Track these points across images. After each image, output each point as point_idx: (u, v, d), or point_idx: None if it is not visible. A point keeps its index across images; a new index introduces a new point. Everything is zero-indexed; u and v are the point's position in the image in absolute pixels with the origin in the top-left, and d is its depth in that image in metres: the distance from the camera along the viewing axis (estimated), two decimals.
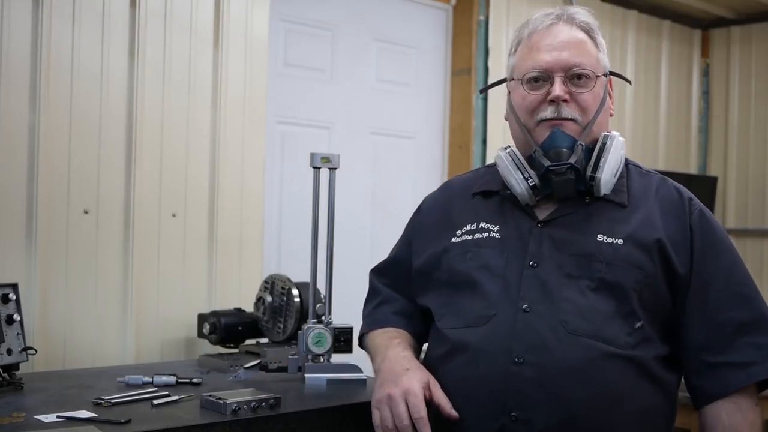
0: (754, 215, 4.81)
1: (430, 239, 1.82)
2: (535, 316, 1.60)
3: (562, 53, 1.68)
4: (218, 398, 1.83)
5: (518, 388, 1.57)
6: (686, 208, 1.69)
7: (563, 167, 1.64)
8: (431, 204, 1.91)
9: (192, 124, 2.76)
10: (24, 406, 1.85)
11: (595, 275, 1.62)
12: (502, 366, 1.58)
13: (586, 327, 1.58)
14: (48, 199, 2.46)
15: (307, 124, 3.42)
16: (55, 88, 2.47)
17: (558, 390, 1.55)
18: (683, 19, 4.87)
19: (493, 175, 1.81)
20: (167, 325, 2.70)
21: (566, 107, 1.67)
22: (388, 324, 1.86)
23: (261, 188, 2.93)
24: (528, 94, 1.70)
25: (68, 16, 2.50)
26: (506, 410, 1.57)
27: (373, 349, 1.84)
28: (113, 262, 2.59)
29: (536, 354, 1.57)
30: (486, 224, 1.74)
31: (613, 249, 1.63)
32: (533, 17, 1.77)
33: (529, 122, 1.71)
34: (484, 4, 3.87)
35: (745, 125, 4.87)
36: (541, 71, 1.68)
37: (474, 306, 1.66)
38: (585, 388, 1.55)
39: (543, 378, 1.56)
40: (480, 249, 1.70)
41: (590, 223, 1.67)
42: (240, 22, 2.87)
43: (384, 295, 1.93)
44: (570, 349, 1.57)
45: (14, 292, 2.12)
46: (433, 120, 3.87)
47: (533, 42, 1.72)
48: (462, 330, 1.66)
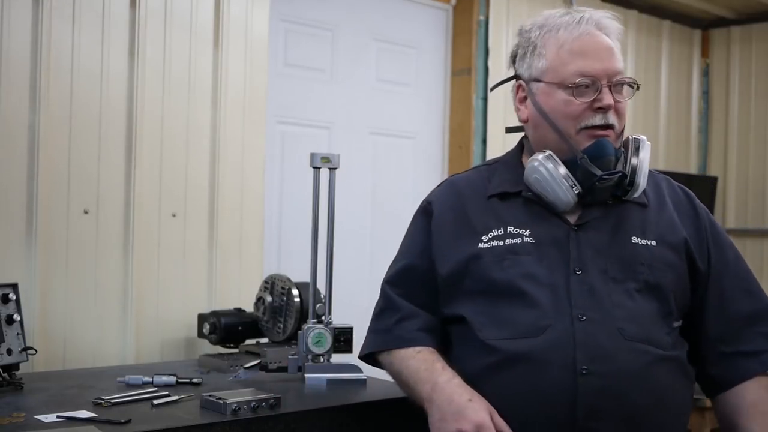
0: (754, 215, 4.81)
1: (450, 245, 1.73)
2: (592, 325, 1.58)
3: (606, 61, 1.66)
4: (218, 398, 1.83)
5: (587, 399, 1.54)
6: (695, 208, 1.76)
7: (616, 176, 1.64)
8: (443, 207, 1.78)
9: (192, 124, 2.76)
10: (24, 406, 1.86)
11: (639, 277, 1.63)
12: (568, 378, 1.55)
13: (640, 332, 1.60)
14: (48, 198, 2.46)
15: (307, 124, 3.42)
16: (55, 88, 2.48)
17: (624, 398, 1.56)
18: (683, 19, 4.87)
19: (503, 174, 1.77)
20: (167, 325, 2.70)
21: (611, 115, 1.67)
22: (417, 343, 1.72)
23: (261, 188, 2.93)
24: (573, 100, 1.65)
25: (68, 16, 2.50)
26: (576, 423, 1.54)
27: (409, 372, 1.70)
28: (113, 262, 2.59)
29: (600, 363, 1.55)
30: (514, 229, 1.68)
31: (648, 251, 1.66)
32: (560, 20, 1.71)
33: (570, 129, 1.66)
34: (484, 4, 3.87)
35: (745, 125, 4.86)
36: (591, 78, 1.65)
37: (524, 316, 1.60)
38: (645, 394, 1.57)
39: (609, 387, 1.55)
40: (517, 256, 1.64)
41: (622, 226, 1.68)
42: (240, 22, 2.87)
43: (405, 310, 1.76)
44: (629, 356, 1.57)
45: (14, 292, 2.12)
46: (433, 120, 3.87)
47: (576, 47, 1.66)
48: (514, 341, 1.60)
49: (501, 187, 1.74)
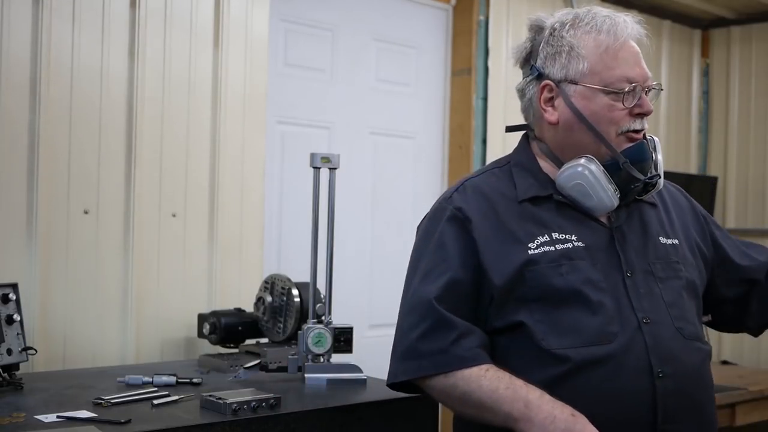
0: (754, 215, 4.80)
1: (499, 254, 1.64)
2: (657, 327, 1.59)
3: (644, 67, 1.68)
4: (218, 398, 1.83)
5: (666, 401, 1.55)
6: (689, 201, 1.84)
7: (655, 179, 1.67)
8: (479, 214, 1.67)
9: (192, 124, 2.76)
10: (24, 406, 1.86)
11: (681, 275, 1.67)
12: (645, 381, 1.55)
13: (692, 330, 1.64)
14: (48, 199, 2.46)
15: (307, 124, 3.41)
16: (55, 88, 2.48)
17: (693, 397, 1.60)
18: (683, 19, 4.86)
19: (525, 177, 1.72)
20: (167, 325, 2.70)
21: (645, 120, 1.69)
22: (480, 361, 1.60)
23: (261, 188, 2.94)
24: (617, 105, 1.64)
25: (68, 16, 2.50)
26: (657, 426, 1.55)
27: (484, 392, 1.57)
28: (113, 262, 2.59)
29: (671, 365, 1.57)
30: (559, 234, 1.64)
31: (675, 249, 1.70)
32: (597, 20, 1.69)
33: (611, 133, 1.65)
34: (484, 4, 3.87)
35: (745, 125, 4.86)
36: (635, 84, 1.65)
37: (591, 323, 1.57)
38: (704, 390, 1.63)
39: (682, 388, 1.57)
40: (573, 261, 1.61)
41: (646, 226, 1.70)
42: (240, 22, 2.87)
43: (461, 327, 1.62)
44: (690, 355, 1.61)
45: (14, 292, 2.12)
46: (433, 120, 3.87)
47: (620, 53, 1.66)
48: (585, 349, 1.56)
49: (530, 191, 1.69)
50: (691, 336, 1.62)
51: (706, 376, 1.65)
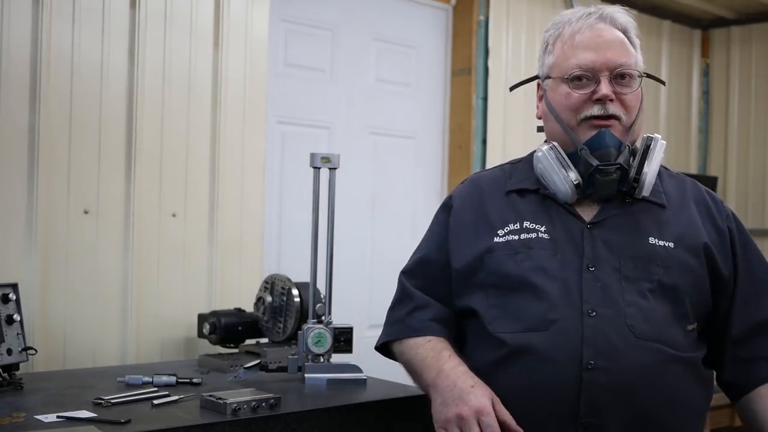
0: (754, 215, 4.80)
1: (467, 239, 1.74)
2: (602, 321, 1.57)
3: (607, 52, 1.67)
4: (218, 398, 1.83)
5: (591, 394, 1.54)
6: (721, 211, 1.75)
7: (612, 167, 1.64)
8: (462, 202, 1.80)
9: (192, 124, 2.76)
10: (24, 406, 1.86)
11: (654, 278, 1.62)
12: (572, 372, 1.55)
13: (651, 331, 1.59)
14: (48, 199, 2.46)
15: (307, 124, 3.41)
16: (55, 88, 2.47)
17: (629, 395, 1.55)
18: (683, 19, 4.87)
19: (524, 172, 1.77)
20: (167, 325, 2.70)
21: (612, 105, 1.67)
22: (427, 332, 1.73)
23: (261, 188, 2.93)
24: (572, 93, 1.68)
25: (68, 16, 2.50)
26: (578, 417, 1.54)
27: (417, 360, 1.71)
28: (113, 262, 2.59)
29: (607, 359, 1.55)
30: (530, 224, 1.69)
31: (666, 252, 1.65)
32: (570, 16, 1.74)
33: (572, 121, 1.69)
34: (484, 4, 3.87)
35: (745, 125, 4.86)
36: (587, 70, 1.67)
37: (533, 309, 1.61)
38: (654, 392, 1.57)
39: (615, 384, 1.55)
40: (531, 250, 1.65)
41: (639, 225, 1.67)
42: (240, 22, 2.87)
43: (418, 299, 1.78)
44: (639, 354, 1.57)
45: (14, 292, 2.12)
46: (433, 120, 3.87)
47: (576, 41, 1.69)
48: (521, 334, 1.60)
49: (520, 183, 1.76)
50: (645, 336, 1.57)
51: (661, 379, 1.57)
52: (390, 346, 1.81)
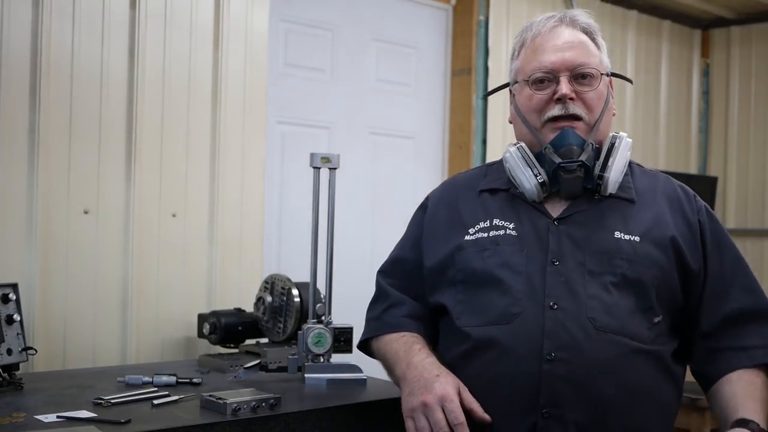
0: (754, 215, 4.81)
1: (440, 237, 1.80)
2: (563, 314, 1.61)
3: (566, 53, 1.72)
4: (218, 398, 1.83)
5: (550, 385, 1.57)
6: (693, 205, 1.76)
7: (574, 164, 1.67)
8: (437, 202, 1.88)
9: (192, 124, 2.76)
10: (24, 406, 1.85)
11: (617, 271, 1.65)
12: (533, 364, 1.58)
13: (613, 323, 1.61)
14: (48, 198, 2.46)
15: (307, 124, 3.42)
16: (55, 88, 2.48)
17: (589, 386, 1.58)
18: (683, 19, 4.87)
19: (498, 172, 1.82)
20: (167, 325, 2.70)
21: (573, 105, 1.71)
22: (402, 328, 1.81)
23: (261, 188, 2.93)
24: (534, 94, 1.73)
25: (68, 16, 2.50)
26: (538, 407, 1.58)
27: (390, 354, 1.77)
28: (113, 262, 2.59)
29: (567, 351, 1.58)
30: (500, 221, 1.73)
31: (632, 246, 1.67)
32: (535, 20, 1.79)
33: (536, 122, 1.74)
34: (484, 4, 3.87)
35: (745, 125, 4.86)
36: (547, 72, 1.72)
37: (497, 303, 1.65)
38: (614, 384, 1.59)
39: (575, 375, 1.57)
40: (498, 246, 1.70)
41: (605, 220, 1.70)
42: (240, 22, 2.87)
43: (393, 297, 1.86)
44: (599, 346, 1.59)
45: (14, 292, 2.12)
46: (433, 120, 3.87)
47: (537, 44, 1.75)
48: (485, 328, 1.64)
49: (492, 183, 1.81)
50: (606, 328, 1.60)
51: (622, 371, 1.59)
52: (369, 344, 1.88)
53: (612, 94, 1.80)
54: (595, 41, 1.78)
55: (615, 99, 1.84)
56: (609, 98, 1.76)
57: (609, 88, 1.78)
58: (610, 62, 1.82)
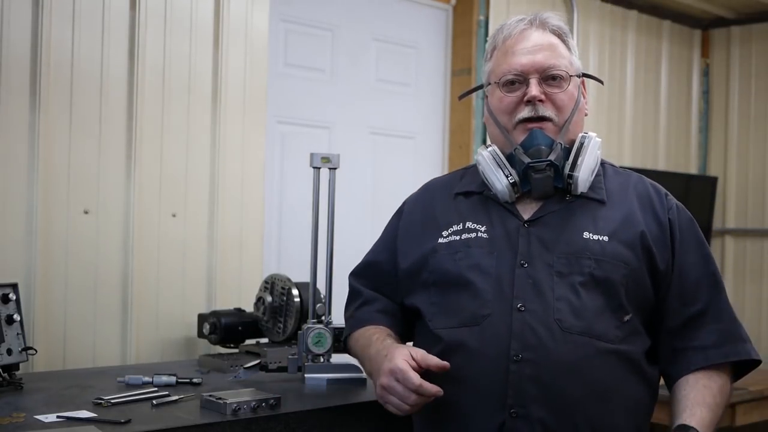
0: (754, 215, 4.80)
1: (415, 241, 1.83)
2: (530, 315, 1.63)
3: (536, 56, 1.74)
4: (218, 398, 1.83)
5: (517, 385, 1.60)
6: (663, 203, 1.78)
7: (543, 164, 1.70)
8: (412, 206, 1.93)
9: (192, 124, 2.76)
10: (24, 406, 1.85)
11: (585, 271, 1.66)
12: (500, 364, 1.61)
13: (579, 324, 1.63)
14: (48, 198, 2.46)
15: (307, 124, 3.41)
16: (55, 88, 2.47)
17: (556, 386, 1.60)
18: (683, 19, 4.86)
19: (472, 176, 1.85)
20: (167, 325, 2.70)
21: (543, 107, 1.73)
22: (372, 322, 1.86)
23: (261, 188, 2.93)
24: (505, 96, 1.76)
25: (68, 16, 2.50)
26: (506, 407, 1.60)
27: (358, 351, 1.87)
28: (113, 262, 2.59)
29: (533, 352, 1.61)
30: (472, 224, 1.76)
31: (600, 245, 1.69)
32: (506, 23, 1.82)
33: (508, 123, 1.77)
34: (484, 4, 3.87)
35: (745, 125, 4.86)
36: (517, 74, 1.74)
37: (467, 305, 1.68)
38: (581, 384, 1.60)
39: (541, 375, 1.60)
40: (470, 249, 1.72)
41: (574, 221, 1.72)
42: (240, 22, 2.87)
43: (366, 295, 1.92)
44: (565, 347, 1.61)
45: (14, 292, 2.12)
46: (433, 120, 3.87)
47: (507, 46, 1.78)
48: (456, 330, 1.68)
49: (466, 186, 1.84)
50: (573, 329, 1.62)
51: (589, 371, 1.60)
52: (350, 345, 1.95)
53: (584, 94, 1.83)
54: (566, 43, 1.80)
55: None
56: (580, 99, 1.79)
57: (580, 89, 1.81)
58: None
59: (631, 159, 4.42)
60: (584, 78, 1.84)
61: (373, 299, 1.91)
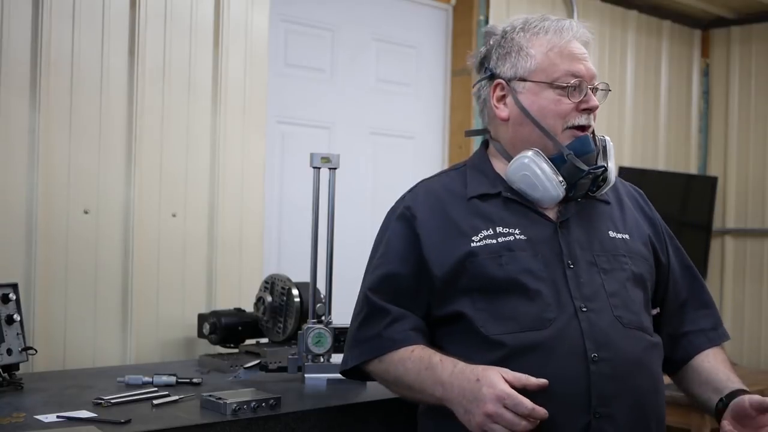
0: (754, 215, 4.80)
1: (442, 247, 1.73)
2: (594, 314, 1.65)
3: (589, 65, 1.76)
4: (218, 398, 1.83)
5: (599, 385, 1.60)
6: (647, 203, 1.90)
7: (600, 170, 1.73)
8: (425, 211, 1.79)
9: (192, 124, 2.76)
10: (24, 406, 1.86)
11: (626, 267, 1.72)
12: (580, 366, 1.60)
13: (634, 319, 1.69)
14: (48, 199, 2.46)
15: (307, 124, 3.41)
16: (55, 88, 2.47)
17: (630, 382, 1.63)
18: (683, 19, 4.86)
19: (477, 177, 1.80)
20: (167, 325, 2.70)
21: (592, 116, 1.77)
22: (410, 342, 1.70)
23: (261, 188, 2.93)
24: (562, 99, 1.73)
25: (68, 16, 2.50)
26: (590, 408, 1.59)
27: (411, 376, 1.67)
28: (113, 262, 2.59)
29: (607, 350, 1.62)
30: (503, 228, 1.71)
31: (625, 243, 1.75)
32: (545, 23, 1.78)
33: (557, 127, 1.73)
34: (484, 4, 3.87)
35: (745, 125, 4.86)
36: (580, 79, 1.73)
37: (527, 310, 1.64)
38: (646, 377, 1.67)
39: (617, 373, 1.62)
40: (513, 252, 1.68)
41: (596, 221, 1.77)
42: (240, 22, 2.87)
43: (394, 312, 1.74)
44: (629, 342, 1.65)
45: (14, 292, 2.12)
46: (433, 120, 3.87)
47: (566, 51, 1.75)
48: (522, 334, 1.62)
49: (480, 188, 1.79)
50: (631, 324, 1.67)
51: (648, 365, 1.68)
52: (364, 367, 1.78)
53: None
54: None
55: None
56: None
57: None
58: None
59: (631, 159, 4.42)
60: None
61: (401, 316, 1.74)
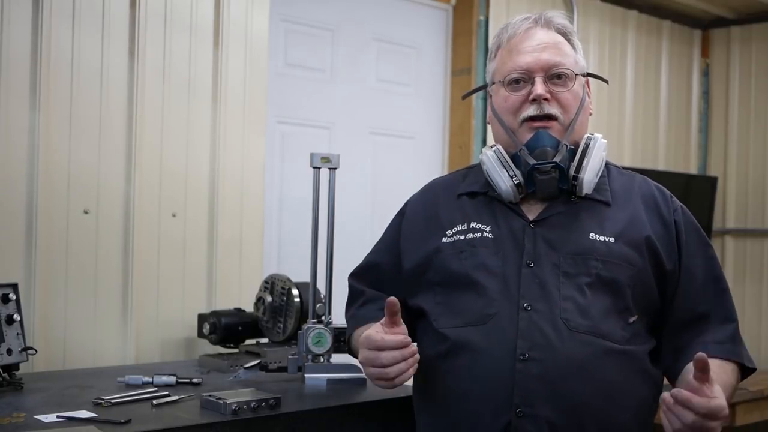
0: (754, 215, 4.80)
1: (418, 241, 1.82)
2: (536, 314, 1.63)
3: (541, 54, 1.73)
4: (218, 398, 1.83)
5: (524, 384, 1.59)
6: (669, 205, 1.77)
7: (548, 166, 1.69)
8: (415, 207, 1.91)
9: (192, 124, 2.76)
10: (24, 406, 1.86)
11: (592, 272, 1.66)
12: (507, 363, 1.60)
13: (586, 323, 1.62)
14: (48, 199, 2.46)
15: (307, 124, 3.42)
16: (55, 88, 2.47)
17: (562, 386, 1.59)
18: (683, 19, 4.86)
19: (476, 176, 1.84)
20: (167, 325, 2.70)
21: (548, 105, 1.72)
22: (375, 320, 1.75)
23: (261, 188, 2.93)
24: (510, 95, 1.75)
25: (68, 16, 2.50)
26: (512, 406, 1.59)
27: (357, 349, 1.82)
28: (113, 262, 2.59)
29: (540, 351, 1.60)
30: (477, 224, 1.75)
31: (606, 246, 1.68)
32: (511, 22, 1.81)
33: (513, 123, 1.75)
34: (484, 4, 3.87)
35: (745, 125, 4.86)
36: (522, 72, 1.73)
37: (473, 305, 1.67)
38: (587, 384, 1.60)
39: (548, 374, 1.59)
40: (475, 249, 1.71)
41: (580, 222, 1.71)
42: (240, 22, 2.87)
43: (368, 294, 1.91)
44: (572, 346, 1.60)
45: (14, 292, 2.12)
46: (433, 120, 3.87)
47: (512, 45, 1.77)
48: (462, 329, 1.67)
49: (470, 186, 1.83)
50: (579, 329, 1.61)
51: (596, 371, 1.59)
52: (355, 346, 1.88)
53: (588, 94, 1.82)
54: (571, 42, 1.80)
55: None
56: (585, 98, 1.78)
57: (585, 89, 1.80)
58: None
59: (631, 159, 4.42)
60: (588, 77, 1.83)
61: (375, 297, 1.89)
